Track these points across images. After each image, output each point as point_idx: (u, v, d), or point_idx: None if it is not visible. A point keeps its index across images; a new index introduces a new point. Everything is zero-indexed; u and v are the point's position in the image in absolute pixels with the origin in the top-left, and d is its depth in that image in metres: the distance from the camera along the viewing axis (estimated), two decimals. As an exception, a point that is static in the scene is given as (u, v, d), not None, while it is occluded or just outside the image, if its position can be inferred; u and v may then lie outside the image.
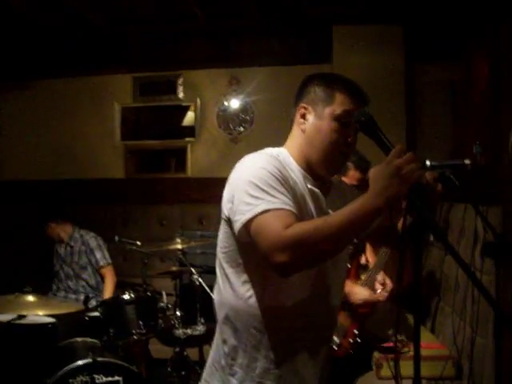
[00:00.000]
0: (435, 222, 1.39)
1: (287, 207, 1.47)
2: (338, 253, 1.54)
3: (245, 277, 1.62)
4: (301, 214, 1.54)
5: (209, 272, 4.16)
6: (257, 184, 1.50)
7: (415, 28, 4.76)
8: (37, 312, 3.19)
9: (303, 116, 1.68)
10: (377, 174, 1.35)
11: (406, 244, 1.43)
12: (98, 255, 4.41)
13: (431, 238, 3.77)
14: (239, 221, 1.50)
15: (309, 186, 1.65)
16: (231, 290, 1.65)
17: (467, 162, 2.22)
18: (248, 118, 5.27)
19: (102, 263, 4.39)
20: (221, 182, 1.74)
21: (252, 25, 5.09)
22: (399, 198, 1.34)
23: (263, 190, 1.48)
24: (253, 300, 1.61)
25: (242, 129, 5.27)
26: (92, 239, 4.43)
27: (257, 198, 1.48)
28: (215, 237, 4.93)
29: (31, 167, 5.50)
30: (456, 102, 4.46)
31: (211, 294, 3.69)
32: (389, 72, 4.78)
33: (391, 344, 3.07)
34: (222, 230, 1.68)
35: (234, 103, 5.30)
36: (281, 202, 1.47)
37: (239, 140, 5.28)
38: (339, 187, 1.83)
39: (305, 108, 1.68)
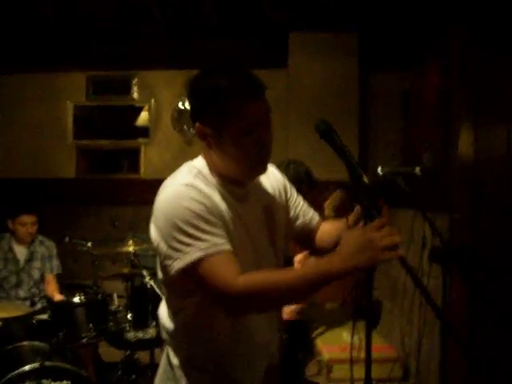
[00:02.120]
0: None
1: (221, 248, 1.40)
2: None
3: (177, 302, 1.59)
4: (236, 235, 1.50)
5: (161, 275, 4.14)
6: (183, 229, 1.40)
7: (369, 37, 4.87)
8: (-18, 315, 3.10)
9: (204, 137, 1.52)
10: (350, 240, 1.31)
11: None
12: (56, 262, 4.30)
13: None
14: (171, 266, 1.42)
15: (227, 196, 1.54)
16: (167, 311, 1.64)
17: (417, 170, 2.29)
18: (203, 120, 5.25)
19: (55, 271, 4.28)
20: None
21: (209, 26, 5.08)
22: (365, 270, 1.32)
23: (191, 235, 1.39)
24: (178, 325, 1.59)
25: (196, 131, 5.25)
26: (53, 245, 4.31)
27: (187, 244, 1.39)
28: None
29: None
30: (408, 110, 4.57)
31: (163, 296, 3.67)
32: (343, 79, 4.87)
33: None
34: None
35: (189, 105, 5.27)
36: (215, 243, 1.39)
37: (193, 142, 5.25)
38: (260, 179, 1.70)
39: (200, 129, 1.51)
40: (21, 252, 4.18)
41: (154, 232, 1.50)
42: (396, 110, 4.78)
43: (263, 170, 1.56)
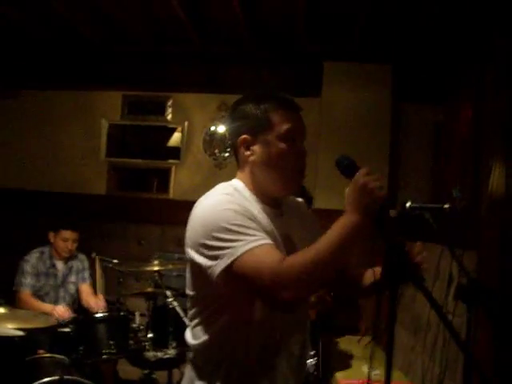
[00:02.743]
0: (412, 265, 1.42)
1: (266, 241, 1.46)
2: (333, 275, 1.53)
3: (203, 318, 1.63)
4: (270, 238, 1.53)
5: (184, 295, 4.14)
6: (225, 227, 1.46)
7: (404, 68, 4.87)
8: (6, 325, 3.14)
9: (247, 148, 1.64)
10: (349, 194, 1.42)
11: (384, 285, 1.46)
12: (88, 274, 4.36)
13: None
14: (216, 267, 1.46)
15: (267, 211, 1.63)
16: (192, 328, 1.67)
17: (446, 206, 2.27)
18: (234, 144, 5.30)
19: (88, 281, 4.34)
20: None
21: (244, 52, 5.16)
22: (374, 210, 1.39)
23: (235, 232, 1.46)
24: (208, 339, 1.61)
25: (227, 155, 5.30)
26: (85, 258, 4.36)
27: (231, 240, 1.45)
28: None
29: (13, 176, 5.47)
30: (439, 144, 4.55)
31: (185, 317, 3.68)
32: (375, 109, 4.87)
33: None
34: (188, 271, 1.67)
35: (221, 129, 5.33)
36: (258, 237, 1.46)
37: (224, 166, 5.30)
38: (292, 204, 1.81)
39: (245, 140, 1.64)
40: (59, 267, 4.23)
41: (190, 243, 1.56)
42: (427, 144, 4.76)
43: (300, 180, 1.67)
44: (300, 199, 1.89)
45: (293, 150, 1.61)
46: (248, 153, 1.64)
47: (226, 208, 1.51)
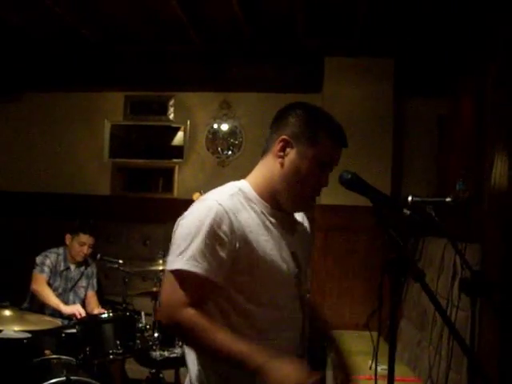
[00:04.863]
0: (414, 262, 1.43)
1: (203, 272, 1.50)
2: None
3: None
4: (261, 250, 1.59)
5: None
6: (190, 238, 1.53)
7: (406, 62, 4.85)
8: (13, 327, 3.15)
9: (283, 149, 1.66)
10: (288, 371, 1.40)
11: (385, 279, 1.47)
12: (95, 280, 4.38)
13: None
14: (167, 264, 1.59)
15: (268, 218, 1.66)
16: None
17: (448, 199, 2.26)
18: (237, 142, 5.30)
19: (95, 288, 4.36)
20: None
21: (246, 50, 5.16)
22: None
23: (194, 247, 1.51)
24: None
25: (230, 153, 5.30)
26: (94, 264, 4.38)
27: (182, 253, 1.52)
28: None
29: (16, 179, 5.49)
30: (442, 137, 4.54)
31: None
32: (378, 104, 4.85)
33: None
34: None
35: (224, 127, 5.34)
36: (201, 264, 1.50)
37: (227, 164, 5.30)
38: (303, 229, 1.86)
39: (286, 141, 1.65)
40: (72, 270, 4.25)
41: (175, 231, 1.63)
42: (430, 137, 4.75)
43: (307, 206, 1.74)
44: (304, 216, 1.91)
45: (318, 177, 1.66)
46: (281, 153, 1.66)
47: (200, 219, 1.55)
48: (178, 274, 1.51)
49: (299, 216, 1.85)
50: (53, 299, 3.93)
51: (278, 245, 1.65)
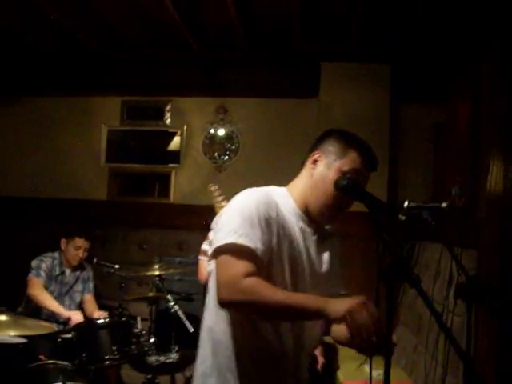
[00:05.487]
0: (410, 267, 1.44)
1: (256, 250, 1.59)
2: (275, 320, 1.68)
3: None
4: (289, 253, 1.70)
5: (185, 299, 4.15)
6: (239, 220, 1.62)
7: (402, 68, 4.87)
8: (8, 332, 3.14)
9: (314, 162, 1.78)
10: (345, 299, 1.52)
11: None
12: (92, 284, 4.37)
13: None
14: (214, 245, 1.65)
15: (301, 225, 1.76)
16: (213, 313, 1.74)
17: (444, 205, 2.27)
18: (233, 147, 5.31)
19: (92, 291, 4.35)
20: (203, 210, 1.80)
21: (242, 56, 5.17)
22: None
23: (242, 227, 1.60)
24: (230, 328, 1.70)
25: (226, 158, 5.30)
26: (90, 267, 4.37)
27: (234, 231, 1.60)
28: (194, 264, 4.96)
29: (12, 183, 5.48)
30: (438, 143, 4.55)
31: (186, 321, 3.69)
32: (374, 110, 4.87)
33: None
34: None
35: (221, 132, 5.34)
36: (252, 242, 1.59)
37: (223, 169, 5.31)
38: (329, 235, 1.91)
39: (318, 155, 1.78)
40: (67, 275, 4.24)
41: (222, 217, 1.71)
42: (426, 143, 4.75)
43: (333, 217, 1.79)
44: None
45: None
46: (312, 165, 1.79)
47: (249, 204, 1.65)
48: (232, 249, 1.59)
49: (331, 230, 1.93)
50: (52, 303, 3.92)
51: (306, 252, 1.76)
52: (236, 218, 1.63)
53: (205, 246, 3.35)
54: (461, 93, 3.83)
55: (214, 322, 1.74)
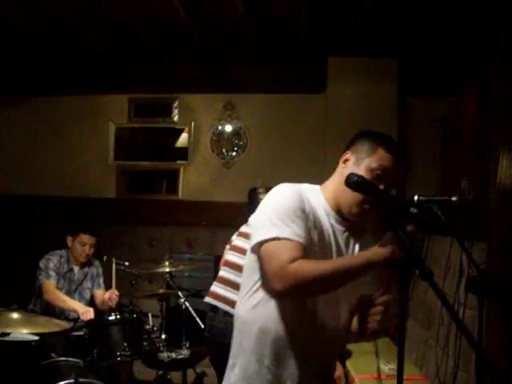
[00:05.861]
0: (422, 260, 1.44)
1: (297, 238, 1.64)
2: (330, 292, 1.70)
3: (254, 288, 1.78)
4: (320, 246, 1.74)
5: (196, 295, 4.17)
6: (277, 212, 1.68)
7: (409, 62, 4.86)
8: (21, 330, 3.16)
9: (345, 161, 1.82)
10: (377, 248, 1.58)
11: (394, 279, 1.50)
12: (102, 280, 4.38)
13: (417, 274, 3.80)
14: (255, 239, 1.70)
15: (332, 222, 1.80)
16: (242, 298, 1.82)
17: (454, 198, 2.27)
18: (241, 143, 5.31)
19: (102, 288, 4.36)
20: (212, 206, 1.81)
21: (249, 51, 5.16)
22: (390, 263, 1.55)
23: (281, 219, 1.66)
24: (254, 311, 1.76)
25: (234, 154, 5.31)
26: (99, 264, 4.38)
27: (274, 224, 1.67)
28: (204, 260, 4.97)
29: (23, 182, 5.52)
30: (446, 137, 4.53)
31: (197, 317, 3.70)
32: (381, 104, 4.86)
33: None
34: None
35: (228, 128, 5.35)
36: (293, 232, 1.65)
37: (231, 165, 5.31)
38: (362, 234, 1.91)
39: (349, 155, 1.82)
40: (75, 272, 4.25)
41: (255, 213, 1.78)
42: (434, 136, 4.74)
43: (362, 213, 1.76)
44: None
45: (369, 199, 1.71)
46: (343, 164, 1.82)
47: (286, 198, 1.72)
48: (275, 242, 1.64)
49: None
50: (69, 303, 3.94)
51: (336, 247, 1.79)
52: (274, 212, 1.69)
53: (237, 242, 3.24)
54: (469, 85, 3.81)
55: (242, 308, 1.81)
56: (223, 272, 3.18)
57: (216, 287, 3.15)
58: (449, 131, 4.41)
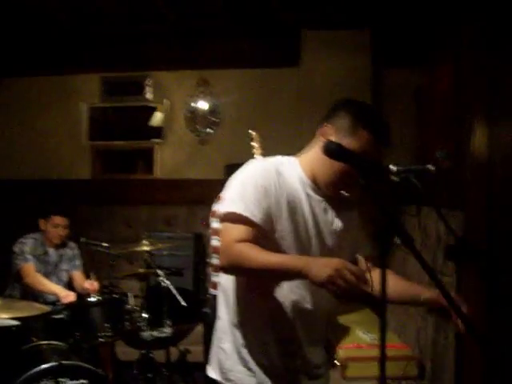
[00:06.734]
0: (403, 227, 1.45)
1: (252, 217, 1.66)
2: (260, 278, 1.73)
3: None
4: (292, 219, 1.72)
5: (176, 274, 4.16)
6: (240, 188, 1.71)
7: (382, 33, 4.84)
8: (1, 315, 3.13)
9: (324, 134, 1.74)
10: (326, 261, 1.52)
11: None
12: (79, 262, 4.34)
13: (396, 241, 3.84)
14: (220, 212, 1.74)
15: (308, 192, 1.77)
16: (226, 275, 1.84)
17: (430, 167, 2.28)
18: (216, 119, 5.27)
19: (79, 269, 4.33)
20: (188, 184, 1.82)
21: (221, 26, 5.09)
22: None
23: (242, 195, 1.68)
24: (240, 287, 1.80)
25: (209, 130, 5.27)
26: (75, 246, 4.33)
27: (233, 200, 1.70)
28: (183, 238, 4.95)
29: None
30: (421, 107, 4.55)
31: (177, 295, 3.70)
32: (355, 76, 4.84)
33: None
34: None
35: (202, 105, 5.29)
36: (247, 209, 1.66)
37: (207, 142, 5.28)
38: (348, 215, 1.89)
39: (328, 128, 1.74)
40: (51, 254, 4.21)
41: (228, 186, 1.78)
42: (409, 107, 4.75)
43: (338, 194, 1.78)
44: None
45: (350, 170, 1.63)
46: (322, 138, 1.74)
47: (253, 175, 1.72)
48: (231, 217, 1.67)
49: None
50: (50, 285, 3.93)
51: (313, 218, 1.77)
52: (237, 188, 1.71)
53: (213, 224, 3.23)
54: (442, 55, 3.81)
55: (226, 282, 1.84)
56: (214, 260, 3.18)
57: (215, 277, 3.15)
58: (423, 101, 4.43)
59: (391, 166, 2.29)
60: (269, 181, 1.70)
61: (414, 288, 1.91)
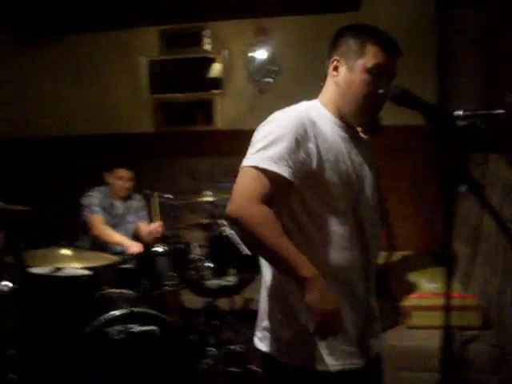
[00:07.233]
0: (470, 173, 1.40)
1: (277, 170, 1.57)
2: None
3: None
4: (329, 158, 1.66)
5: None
6: (268, 137, 1.62)
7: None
8: (73, 265, 3.28)
9: (336, 68, 1.74)
10: (324, 290, 1.51)
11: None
12: (145, 213, 4.45)
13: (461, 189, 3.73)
14: (243, 162, 1.65)
15: (341, 133, 1.74)
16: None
17: (499, 111, 2.18)
18: (275, 68, 5.19)
19: (146, 219, 4.42)
20: (249, 134, 1.78)
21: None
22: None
23: (268, 145, 1.60)
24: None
25: (269, 80, 5.21)
26: (141, 198, 4.43)
27: (260, 149, 1.61)
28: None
29: (58, 123, 5.55)
30: (491, 49, 4.32)
31: (240, 244, 3.75)
32: (419, 19, 4.65)
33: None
34: None
35: (261, 54, 5.22)
36: (280, 160, 1.57)
37: (267, 91, 5.22)
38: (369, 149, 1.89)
39: (337, 60, 1.73)
40: (117, 206, 4.34)
41: (255, 135, 1.71)
42: (478, 50, 4.52)
43: (371, 117, 1.74)
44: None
45: (372, 86, 1.68)
46: (334, 73, 1.74)
47: (282, 123, 1.64)
48: (255, 171, 1.58)
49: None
50: (117, 237, 4.07)
51: (349, 156, 1.72)
52: (268, 139, 1.62)
53: None
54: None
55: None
56: None
57: None
58: (494, 42, 4.20)
59: (457, 111, 2.20)
60: (303, 128, 1.64)
61: None
